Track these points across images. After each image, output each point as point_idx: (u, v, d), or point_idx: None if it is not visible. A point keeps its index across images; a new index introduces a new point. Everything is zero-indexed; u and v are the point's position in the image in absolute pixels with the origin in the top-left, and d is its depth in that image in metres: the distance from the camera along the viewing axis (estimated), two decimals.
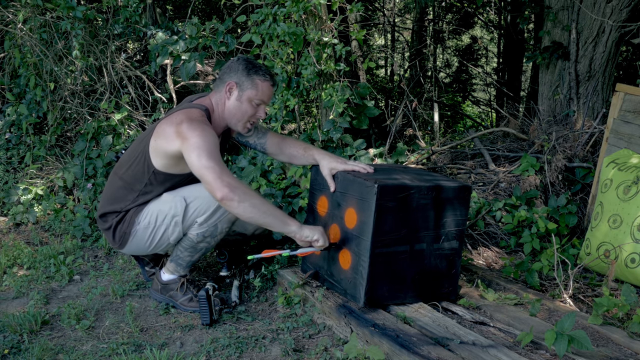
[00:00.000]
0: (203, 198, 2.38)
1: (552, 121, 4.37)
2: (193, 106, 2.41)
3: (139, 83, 4.39)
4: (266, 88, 2.41)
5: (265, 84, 2.41)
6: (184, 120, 2.27)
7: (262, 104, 2.43)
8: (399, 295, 2.29)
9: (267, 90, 2.42)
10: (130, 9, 4.08)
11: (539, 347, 2.01)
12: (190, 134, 2.21)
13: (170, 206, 2.40)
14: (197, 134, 2.21)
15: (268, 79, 2.41)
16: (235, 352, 2.17)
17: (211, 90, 2.52)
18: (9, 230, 3.65)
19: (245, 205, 2.15)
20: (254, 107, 2.42)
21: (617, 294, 2.53)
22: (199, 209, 2.39)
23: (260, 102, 2.42)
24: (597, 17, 4.12)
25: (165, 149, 2.33)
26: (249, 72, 2.39)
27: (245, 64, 2.41)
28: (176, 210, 2.39)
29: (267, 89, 2.42)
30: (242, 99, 2.40)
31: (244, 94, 2.40)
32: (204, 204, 2.38)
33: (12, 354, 2.18)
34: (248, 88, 2.39)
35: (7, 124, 4.45)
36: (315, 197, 2.50)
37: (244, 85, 2.39)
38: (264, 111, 2.45)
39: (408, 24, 10.31)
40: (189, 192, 2.42)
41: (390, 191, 2.15)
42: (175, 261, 2.55)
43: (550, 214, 3.27)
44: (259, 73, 2.40)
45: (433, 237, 2.29)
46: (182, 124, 2.26)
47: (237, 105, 2.42)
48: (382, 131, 5.37)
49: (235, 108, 2.42)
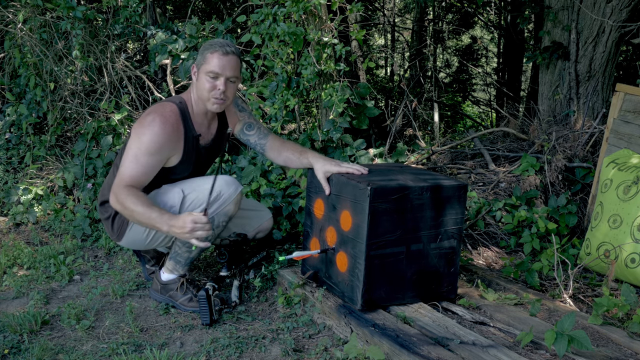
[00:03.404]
0: (200, 191, 2.40)
1: (552, 121, 4.37)
2: (171, 99, 2.47)
3: (139, 83, 4.39)
4: (216, 58, 2.35)
5: (215, 55, 2.35)
6: (145, 116, 2.38)
7: (217, 76, 2.37)
8: (397, 296, 2.28)
9: (217, 61, 2.35)
10: (130, 9, 4.08)
11: (539, 347, 2.01)
12: (138, 132, 2.34)
13: (168, 197, 2.42)
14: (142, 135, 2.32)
15: (217, 49, 2.36)
16: (235, 352, 2.17)
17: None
18: (9, 230, 3.65)
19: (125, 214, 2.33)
20: (209, 80, 2.38)
21: (617, 294, 2.53)
22: (196, 201, 2.40)
23: (213, 74, 2.37)
24: (597, 17, 4.12)
25: None
26: (203, 50, 2.40)
27: (204, 45, 2.43)
28: (173, 202, 2.41)
29: (217, 58, 2.35)
30: (200, 76, 2.41)
31: (199, 70, 2.41)
32: (200, 196, 2.39)
33: (12, 354, 2.18)
34: (202, 64, 2.39)
35: (7, 124, 4.45)
36: (311, 199, 2.50)
37: (199, 62, 2.41)
38: (223, 83, 2.38)
39: (408, 24, 10.31)
40: (188, 184, 2.45)
41: (384, 193, 2.15)
42: (174, 258, 2.55)
43: (550, 214, 3.27)
44: (211, 48, 2.38)
45: (430, 236, 2.28)
46: (141, 120, 2.38)
47: (198, 85, 2.42)
48: (382, 131, 5.36)
49: (197, 88, 2.43)
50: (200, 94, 2.42)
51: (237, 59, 2.41)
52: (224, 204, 2.43)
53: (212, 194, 2.35)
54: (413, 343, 1.96)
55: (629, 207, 2.72)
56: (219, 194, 2.40)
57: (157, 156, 2.35)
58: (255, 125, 2.66)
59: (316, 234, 2.47)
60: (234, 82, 2.42)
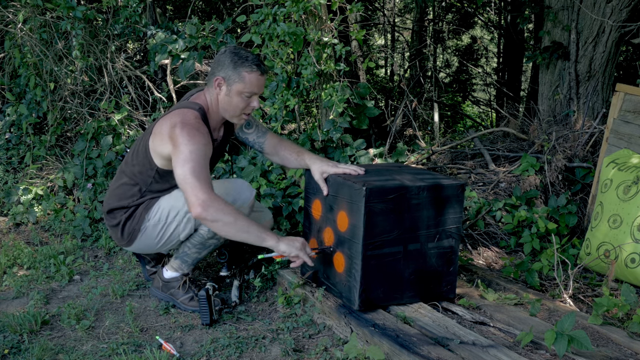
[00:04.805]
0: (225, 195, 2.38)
1: (552, 121, 4.37)
2: (189, 105, 2.39)
3: (139, 83, 4.39)
4: (254, 79, 2.33)
5: (253, 75, 2.33)
6: (177, 123, 2.26)
7: (253, 95, 2.36)
8: (396, 295, 2.28)
9: (255, 81, 2.34)
10: (130, 9, 4.08)
11: (539, 347, 2.01)
12: (181, 141, 2.22)
13: (183, 202, 2.35)
14: (186, 142, 2.21)
15: (255, 70, 2.32)
16: (235, 352, 2.17)
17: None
18: (9, 230, 3.65)
19: (218, 224, 2.18)
20: (244, 99, 2.36)
21: (617, 294, 2.53)
22: None
23: (250, 94, 2.35)
24: (597, 17, 4.12)
25: (161, 151, 2.34)
26: (235, 65, 2.32)
27: (231, 57, 2.34)
28: None
29: (256, 79, 2.34)
30: (232, 94, 2.35)
31: (232, 88, 2.34)
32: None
33: (12, 354, 2.18)
34: (236, 82, 2.33)
35: (7, 124, 4.45)
36: (309, 200, 2.50)
37: (232, 79, 2.33)
38: (257, 102, 2.39)
39: (408, 24, 10.31)
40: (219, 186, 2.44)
41: (380, 193, 2.14)
42: (180, 258, 2.54)
43: (550, 214, 3.27)
44: (245, 65, 2.31)
45: (428, 236, 2.28)
46: (175, 128, 2.25)
47: (227, 100, 2.37)
48: (382, 131, 5.36)
49: (226, 103, 2.38)
50: (229, 109, 2.39)
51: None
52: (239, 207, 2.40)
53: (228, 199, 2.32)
54: (413, 343, 1.97)
55: (629, 207, 2.72)
56: (234, 200, 2.40)
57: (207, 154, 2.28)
58: (253, 123, 2.65)
59: (314, 234, 2.47)
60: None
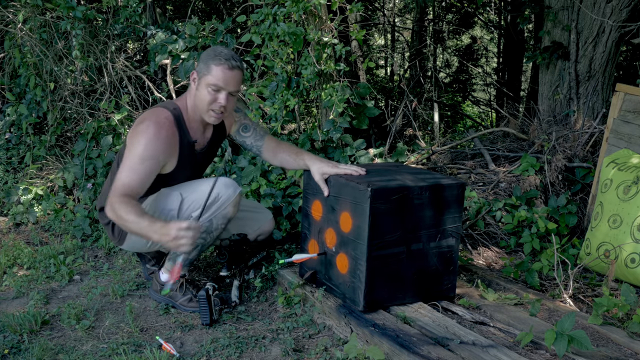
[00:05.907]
0: (198, 192, 2.39)
1: (552, 121, 4.37)
2: (165, 105, 2.42)
3: (139, 83, 4.39)
4: (220, 72, 2.29)
5: (220, 68, 2.29)
6: (138, 123, 2.34)
7: (220, 89, 2.33)
8: (398, 295, 2.28)
9: (221, 74, 2.29)
10: (130, 9, 4.08)
11: (539, 347, 2.01)
12: (133, 141, 2.31)
13: (167, 201, 2.42)
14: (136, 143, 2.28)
15: (223, 62, 2.29)
16: (235, 352, 2.17)
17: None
18: (9, 230, 3.65)
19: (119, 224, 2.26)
20: (211, 93, 2.33)
21: (617, 294, 2.53)
22: (194, 204, 2.40)
23: (216, 87, 2.32)
24: (597, 17, 4.12)
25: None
26: (207, 59, 2.32)
27: (208, 53, 2.34)
28: (172, 205, 2.41)
29: (222, 72, 2.29)
30: (200, 87, 2.35)
31: (201, 80, 2.34)
32: (198, 198, 2.38)
33: (12, 354, 2.18)
34: (205, 74, 2.32)
35: (7, 124, 4.45)
36: (309, 201, 2.49)
37: (202, 72, 2.33)
38: (225, 99, 2.34)
39: (408, 24, 10.31)
40: (186, 187, 2.45)
41: (384, 193, 2.14)
42: (173, 259, 2.55)
43: (550, 214, 3.27)
44: (216, 59, 2.30)
45: (429, 235, 2.29)
46: (135, 127, 2.34)
47: (197, 95, 2.37)
48: (382, 131, 5.37)
49: (197, 97, 2.37)
50: (199, 104, 2.38)
51: (241, 73, 2.37)
52: (222, 207, 2.42)
53: (210, 197, 2.33)
54: (413, 343, 1.97)
55: (629, 207, 2.72)
56: (217, 197, 2.39)
57: (152, 163, 2.29)
58: (251, 126, 2.64)
59: (314, 235, 2.47)
60: (234, 95, 2.40)
